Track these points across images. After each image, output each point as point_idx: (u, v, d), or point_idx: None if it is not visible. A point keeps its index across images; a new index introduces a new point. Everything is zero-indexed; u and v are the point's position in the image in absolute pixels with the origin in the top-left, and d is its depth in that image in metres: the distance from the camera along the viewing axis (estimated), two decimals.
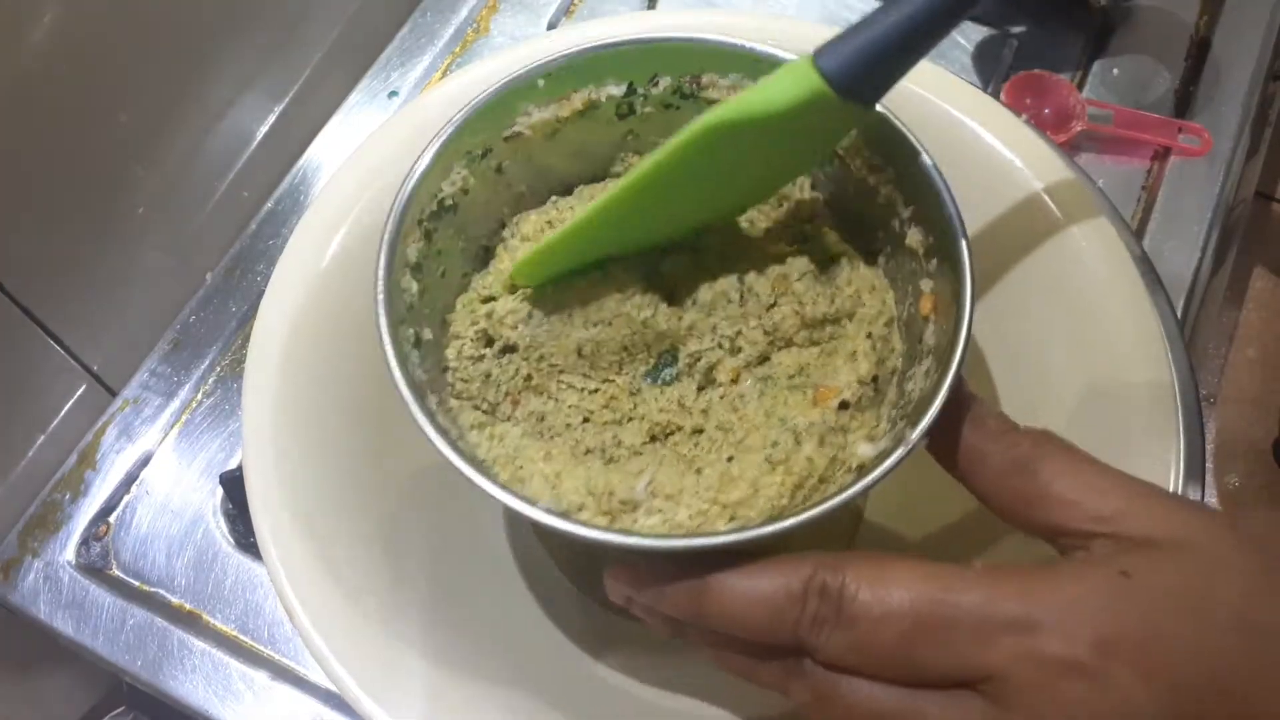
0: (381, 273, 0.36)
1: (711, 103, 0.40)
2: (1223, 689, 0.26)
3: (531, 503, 0.32)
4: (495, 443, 0.38)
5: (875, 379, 0.36)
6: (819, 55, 0.33)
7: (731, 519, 0.34)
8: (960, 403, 0.32)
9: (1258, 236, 1.28)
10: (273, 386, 0.41)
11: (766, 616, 0.29)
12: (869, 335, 0.37)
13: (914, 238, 0.37)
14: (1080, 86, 0.66)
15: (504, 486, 0.32)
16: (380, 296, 0.36)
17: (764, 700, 0.34)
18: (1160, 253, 0.59)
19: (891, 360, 0.37)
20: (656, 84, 0.39)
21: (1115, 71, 0.67)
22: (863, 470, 0.32)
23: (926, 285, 0.36)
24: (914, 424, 0.31)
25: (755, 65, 0.38)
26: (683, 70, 0.39)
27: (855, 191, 0.39)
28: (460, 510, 0.42)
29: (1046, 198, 0.44)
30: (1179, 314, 0.56)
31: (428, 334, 0.38)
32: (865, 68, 0.33)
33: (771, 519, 0.31)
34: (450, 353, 0.39)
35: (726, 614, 0.29)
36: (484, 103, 0.38)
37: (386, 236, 0.36)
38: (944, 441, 0.32)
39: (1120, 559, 0.27)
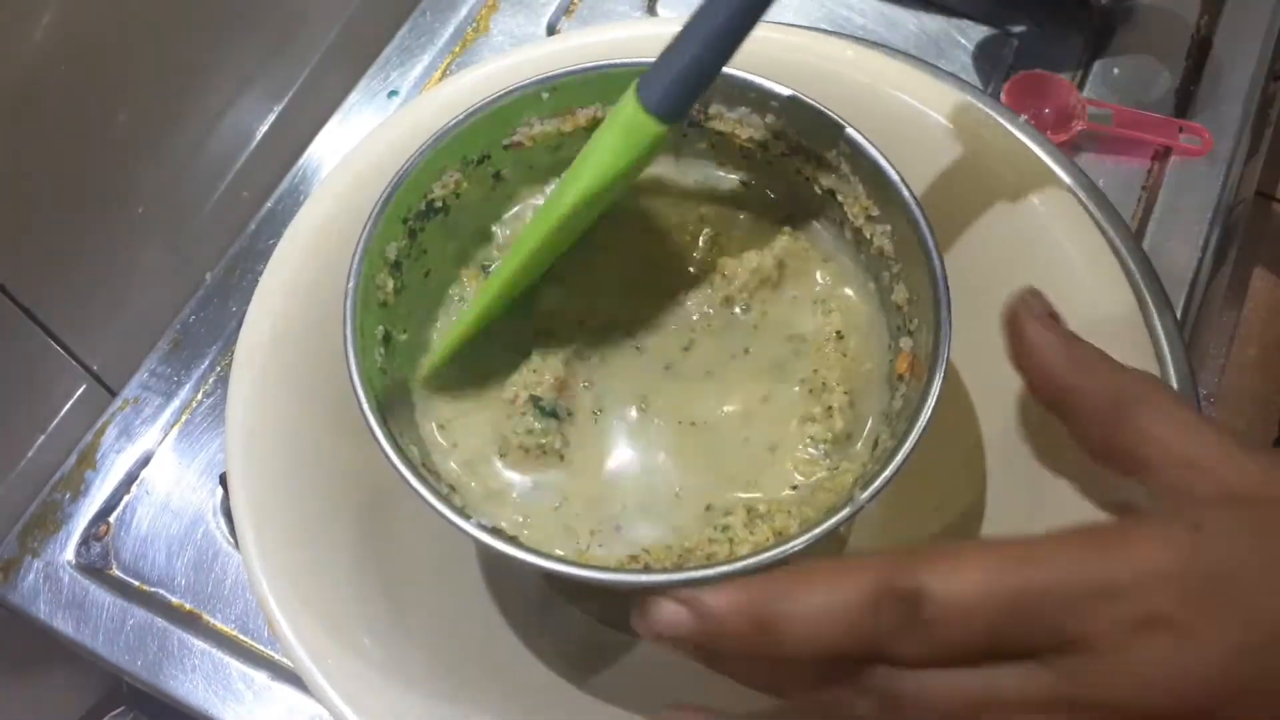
0: (355, 266, 0.36)
1: (718, 134, 0.40)
2: None
3: (466, 517, 0.32)
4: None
5: (849, 435, 0.37)
6: (644, 96, 0.35)
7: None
8: (1060, 339, 0.32)
9: (1258, 236, 1.28)
10: (256, 400, 0.41)
11: (841, 633, 0.27)
12: (847, 392, 0.37)
13: (900, 294, 0.37)
14: (1081, 86, 0.66)
15: (442, 497, 0.32)
16: (350, 287, 0.36)
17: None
18: (1160, 252, 0.59)
19: (868, 414, 0.37)
20: None
21: (1116, 71, 0.67)
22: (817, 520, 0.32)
23: (906, 343, 0.36)
24: (866, 485, 0.31)
25: (764, 98, 0.38)
26: None
27: (854, 238, 0.39)
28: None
29: (1033, 204, 0.44)
30: (1179, 314, 0.56)
31: (403, 335, 0.38)
32: (687, 95, 0.35)
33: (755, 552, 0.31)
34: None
35: (795, 639, 0.27)
36: (485, 109, 0.38)
37: (366, 232, 0.36)
38: (1038, 375, 0.32)
39: (1194, 513, 0.27)
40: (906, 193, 0.35)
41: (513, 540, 0.33)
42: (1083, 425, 0.31)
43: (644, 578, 0.31)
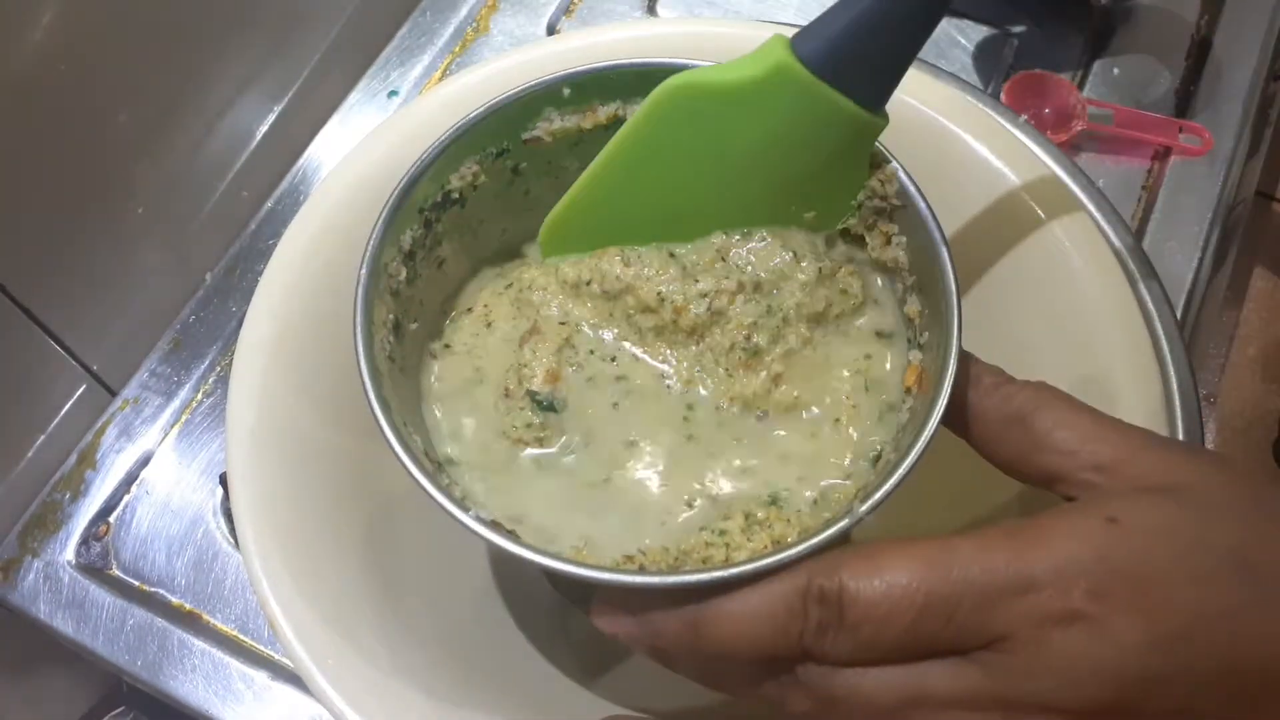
0: (370, 251, 0.36)
1: None
2: (1213, 622, 0.26)
3: (465, 509, 0.32)
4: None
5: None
6: (798, 36, 0.33)
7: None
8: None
9: (1258, 236, 1.28)
10: (257, 400, 0.41)
11: (769, 634, 0.28)
12: (855, 405, 0.37)
13: (912, 307, 0.37)
14: (1081, 86, 0.66)
15: (442, 488, 0.32)
16: (363, 273, 0.36)
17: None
18: (1160, 252, 0.59)
19: (873, 431, 0.37)
20: None
21: (1116, 71, 0.67)
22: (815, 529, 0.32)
23: (915, 356, 0.36)
24: (866, 497, 0.31)
25: None
26: None
27: (874, 256, 0.39)
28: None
29: (1033, 204, 0.44)
30: (1179, 314, 0.56)
31: (414, 324, 0.38)
32: (841, 46, 0.32)
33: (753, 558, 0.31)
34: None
35: (726, 639, 0.29)
36: (507, 101, 0.38)
37: (383, 218, 0.36)
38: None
39: (1108, 506, 0.28)
40: (925, 207, 0.35)
41: (510, 534, 0.33)
42: (988, 445, 0.32)
43: (638, 579, 0.31)
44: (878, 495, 0.31)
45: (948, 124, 0.45)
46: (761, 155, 0.35)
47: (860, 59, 0.32)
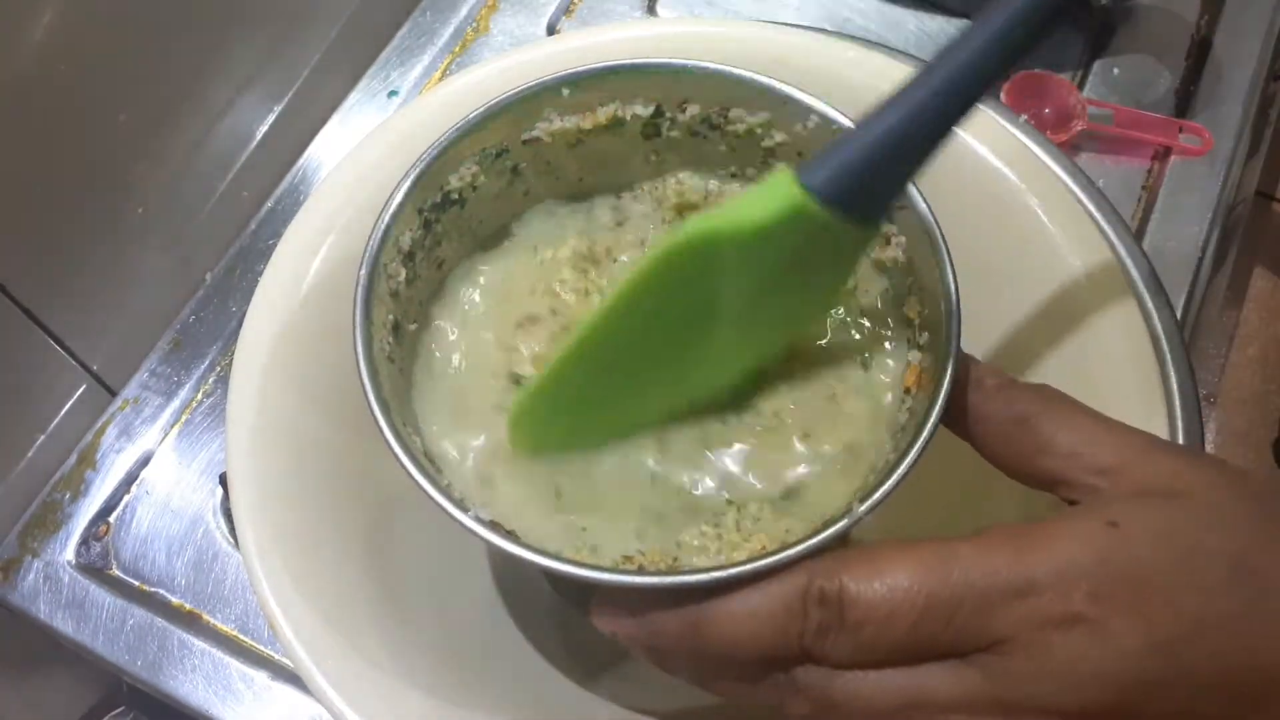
0: (370, 252, 0.36)
1: (737, 136, 0.39)
2: (1213, 626, 0.26)
3: (465, 510, 0.32)
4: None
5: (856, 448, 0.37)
6: (803, 168, 0.30)
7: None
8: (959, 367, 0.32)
9: (1258, 236, 1.28)
10: (257, 400, 0.41)
11: (769, 634, 0.28)
12: (853, 406, 0.37)
13: (912, 307, 0.37)
14: (1081, 86, 0.66)
15: (441, 489, 0.32)
16: (363, 274, 0.36)
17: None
18: (1160, 252, 0.59)
19: (873, 431, 0.37)
20: (685, 110, 0.39)
21: (1116, 71, 0.67)
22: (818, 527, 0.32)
23: (914, 356, 0.36)
24: (865, 497, 0.31)
25: (783, 106, 0.38)
26: (712, 100, 0.39)
27: (874, 256, 0.39)
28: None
29: (1033, 204, 0.44)
30: (1179, 314, 0.56)
31: (413, 325, 0.38)
32: (854, 180, 0.30)
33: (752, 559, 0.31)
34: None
35: (726, 638, 0.29)
36: (506, 102, 0.38)
37: (384, 219, 0.36)
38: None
39: (1109, 510, 0.28)
40: (924, 207, 0.35)
41: (510, 535, 0.33)
42: (990, 447, 0.32)
43: (638, 579, 0.31)
44: (878, 495, 0.31)
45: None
46: (759, 292, 0.33)
47: (870, 183, 0.30)
